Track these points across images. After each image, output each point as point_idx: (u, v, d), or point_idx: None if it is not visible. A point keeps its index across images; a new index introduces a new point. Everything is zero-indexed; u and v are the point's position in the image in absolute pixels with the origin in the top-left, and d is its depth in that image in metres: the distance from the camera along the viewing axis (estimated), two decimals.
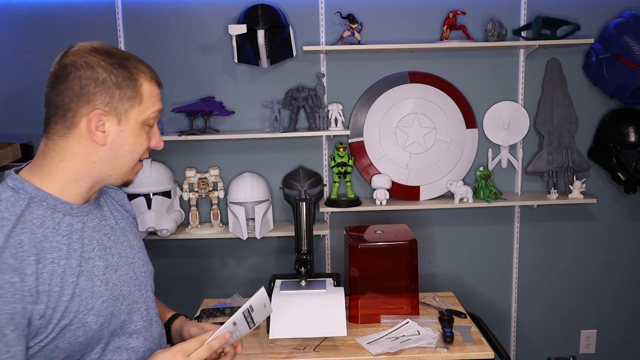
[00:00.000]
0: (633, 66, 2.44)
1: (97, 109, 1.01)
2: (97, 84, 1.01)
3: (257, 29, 2.40)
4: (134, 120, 1.05)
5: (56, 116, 1.03)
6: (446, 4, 2.59)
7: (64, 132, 1.03)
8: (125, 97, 1.03)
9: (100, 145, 1.04)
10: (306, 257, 2.17)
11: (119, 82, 1.03)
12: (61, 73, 1.03)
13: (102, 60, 1.02)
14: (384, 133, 2.62)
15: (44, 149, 1.05)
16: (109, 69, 1.02)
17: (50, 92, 1.04)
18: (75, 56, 1.03)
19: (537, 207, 2.69)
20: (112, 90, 1.02)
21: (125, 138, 1.05)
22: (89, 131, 1.02)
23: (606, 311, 2.85)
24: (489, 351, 1.94)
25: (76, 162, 1.04)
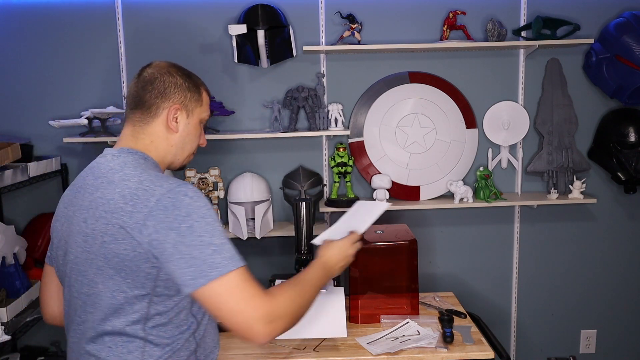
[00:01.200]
0: (633, 66, 2.44)
1: (175, 104, 1.33)
2: (177, 86, 1.34)
3: (257, 29, 2.40)
4: (196, 117, 1.38)
5: (142, 108, 1.32)
6: (446, 4, 2.58)
7: (148, 120, 1.32)
8: (193, 98, 1.37)
9: (174, 132, 1.34)
10: (306, 257, 2.17)
11: (190, 87, 1.37)
12: (149, 79, 1.34)
13: (179, 72, 1.37)
14: (384, 133, 2.62)
15: (133, 133, 1.33)
16: (184, 78, 1.37)
17: (139, 91, 1.33)
18: (158, 68, 1.35)
19: (537, 207, 2.69)
20: (185, 92, 1.35)
21: (190, 129, 1.37)
22: (167, 120, 1.32)
23: (606, 311, 2.85)
24: (489, 351, 1.94)
25: (161, 143, 1.34)
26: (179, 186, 1.19)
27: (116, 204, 1.18)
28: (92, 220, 1.20)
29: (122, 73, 2.58)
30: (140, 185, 1.19)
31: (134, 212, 1.15)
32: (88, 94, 2.59)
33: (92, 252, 1.20)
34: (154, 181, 1.20)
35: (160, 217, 1.14)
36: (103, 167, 1.27)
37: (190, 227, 1.15)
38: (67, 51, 2.56)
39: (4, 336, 1.98)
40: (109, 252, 1.17)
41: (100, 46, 2.56)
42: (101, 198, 1.20)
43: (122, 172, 1.23)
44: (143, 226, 1.14)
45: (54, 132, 2.56)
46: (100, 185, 1.23)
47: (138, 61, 2.56)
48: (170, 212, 1.15)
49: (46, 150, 2.61)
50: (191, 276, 1.13)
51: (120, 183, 1.20)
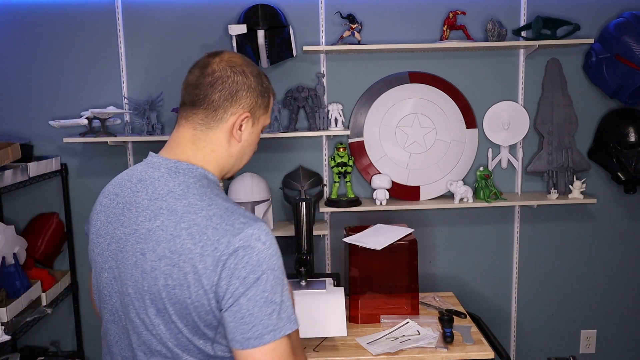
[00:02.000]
0: (633, 66, 2.44)
1: (245, 111, 1.17)
2: (249, 90, 1.17)
3: (257, 29, 2.40)
4: (261, 125, 1.23)
5: (207, 110, 1.15)
6: (446, 4, 2.58)
7: (212, 125, 1.15)
8: (263, 105, 1.21)
9: (237, 142, 1.18)
10: (306, 257, 2.17)
11: (262, 91, 1.20)
12: (221, 75, 1.15)
13: (253, 71, 1.19)
14: (384, 133, 2.62)
15: (194, 139, 1.16)
16: (258, 80, 1.19)
17: (203, 87, 1.15)
18: (232, 63, 1.17)
19: (537, 207, 2.69)
20: (256, 97, 1.19)
21: (253, 138, 1.23)
22: (233, 128, 1.16)
23: (606, 311, 2.85)
24: (489, 351, 1.94)
25: (222, 153, 1.18)
26: (251, 227, 1.05)
27: (183, 245, 1.04)
28: (152, 256, 1.06)
29: (122, 73, 2.58)
30: (210, 223, 1.04)
31: (203, 255, 1.02)
32: (88, 94, 2.59)
33: (153, 292, 1.07)
34: (225, 217, 1.05)
35: (229, 263, 1.02)
36: (159, 186, 1.11)
37: (258, 280, 1.03)
38: (67, 51, 2.56)
39: (4, 336, 1.98)
40: (171, 297, 1.05)
41: (100, 46, 2.56)
42: (163, 231, 1.06)
43: (185, 199, 1.07)
44: (212, 272, 1.02)
45: (54, 132, 2.56)
46: (159, 212, 1.08)
47: (138, 61, 2.57)
48: (240, 259, 1.02)
49: (46, 150, 2.61)
50: (243, 334, 1.03)
51: (184, 216, 1.05)
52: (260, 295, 1.03)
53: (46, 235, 2.53)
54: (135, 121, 2.56)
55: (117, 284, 1.13)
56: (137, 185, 1.13)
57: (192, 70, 1.18)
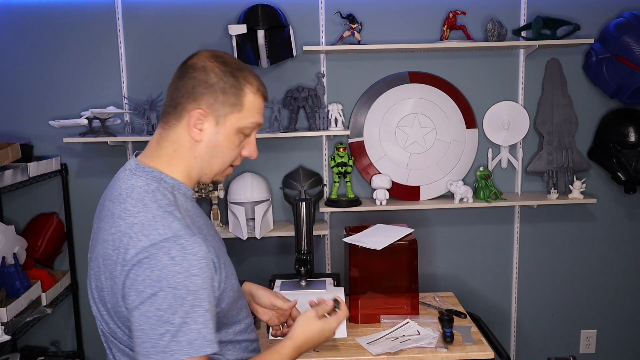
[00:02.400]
0: (633, 66, 2.44)
1: (199, 108, 1.11)
2: (207, 86, 1.11)
3: (257, 29, 2.40)
4: (230, 126, 1.14)
5: (170, 107, 1.15)
6: (446, 4, 2.58)
7: (173, 123, 1.14)
8: (227, 102, 1.13)
9: (196, 141, 1.13)
10: (306, 257, 2.17)
11: (225, 88, 1.12)
12: (183, 72, 1.15)
13: (217, 67, 1.13)
14: (384, 133, 2.62)
15: (159, 138, 1.16)
16: (220, 76, 1.12)
17: (171, 85, 1.16)
18: (197, 59, 1.15)
19: (537, 207, 2.69)
20: (216, 94, 1.12)
21: (219, 140, 1.14)
22: (187, 125, 1.12)
23: (606, 311, 2.85)
24: (489, 351, 1.94)
25: (185, 154, 1.14)
26: (166, 240, 1.01)
27: (107, 249, 1.05)
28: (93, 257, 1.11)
29: (122, 73, 2.58)
30: (130, 230, 1.03)
31: (117, 262, 1.03)
32: (88, 94, 2.59)
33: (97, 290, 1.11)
34: (145, 226, 1.03)
35: (131, 273, 1.00)
36: (117, 187, 1.12)
37: (153, 296, 0.98)
38: (67, 51, 2.56)
39: (4, 336, 1.98)
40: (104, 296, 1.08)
41: (100, 46, 2.56)
42: (102, 233, 1.09)
43: (124, 203, 1.07)
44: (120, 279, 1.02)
45: (54, 132, 2.56)
46: (106, 214, 1.11)
47: (138, 61, 2.57)
48: (143, 270, 0.99)
49: (46, 150, 2.61)
50: (137, 349, 0.99)
51: (116, 221, 1.06)
52: (153, 312, 0.98)
53: (46, 235, 2.53)
54: (135, 121, 2.56)
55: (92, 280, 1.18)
56: (110, 186, 1.17)
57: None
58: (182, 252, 1.00)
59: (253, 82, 1.16)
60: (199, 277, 1.01)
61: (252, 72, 1.18)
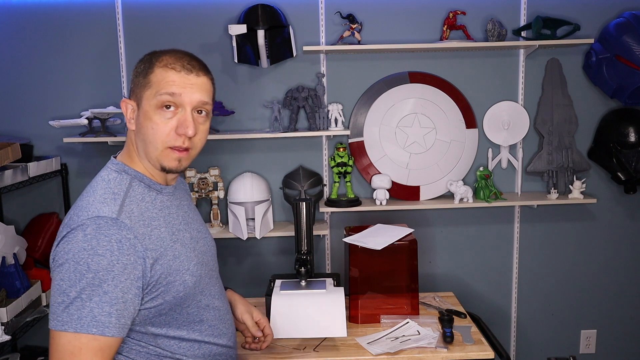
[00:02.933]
0: (633, 66, 2.44)
1: (125, 98, 1.21)
2: (134, 76, 1.22)
3: (257, 29, 2.40)
4: (146, 104, 1.18)
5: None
6: (446, 4, 2.58)
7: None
8: (140, 84, 1.19)
9: (131, 129, 1.22)
10: (306, 257, 2.17)
11: (139, 71, 1.20)
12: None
13: (144, 57, 1.22)
14: (384, 133, 2.62)
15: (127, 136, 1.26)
16: (140, 64, 1.21)
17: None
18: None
19: (537, 207, 2.69)
20: (136, 80, 1.20)
21: (141, 121, 1.19)
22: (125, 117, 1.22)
23: (606, 311, 2.85)
24: (489, 351, 1.94)
25: (132, 146, 1.23)
26: (89, 219, 1.09)
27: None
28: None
29: (122, 73, 2.58)
30: (72, 211, 1.15)
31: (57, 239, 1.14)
32: (88, 94, 2.59)
33: None
34: (83, 208, 1.13)
35: (56, 249, 1.11)
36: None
37: (60, 266, 1.08)
38: (67, 51, 2.56)
39: (4, 336, 1.98)
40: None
41: (100, 46, 2.56)
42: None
43: (85, 191, 1.20)
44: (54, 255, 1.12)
45: (54, 132, 2.56)
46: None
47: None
48: (62, 243, 1.09)
49: (46, 150, 2.61)
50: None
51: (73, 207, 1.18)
52: (57, 282, 1.07)
53: (46, 235, 2.53)
54: None
55: None
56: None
57: None
58: (95, 232, 1.07)
59: (166, 57, 1.20)
60: (105, 257, 1.06)
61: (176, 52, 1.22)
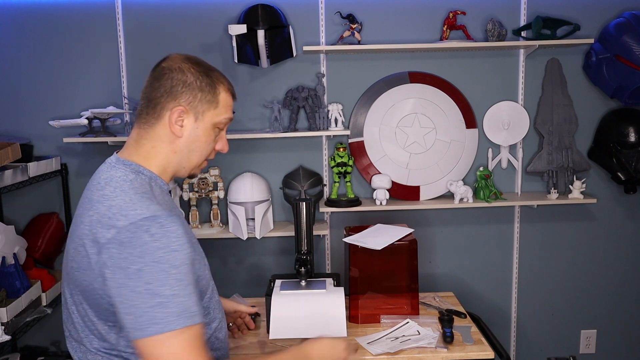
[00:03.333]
0: (633, 66, 2.44)
1: (180, 105, 1.20)
2: (185, 85, 1.20)
3: (257, 29, 2.40)
4: (208, 121, 1.23)
5: (148, 108, 1.22)
6: (446, 4, 2.58)
7: (152, 122, 1.22)
8: (205, 100, 1.22)
9: (178, 137, 1.21)
10: (306, 257, 2.17)
11: (202, 86, 1.22)
12: (158, 74, 1.22)
13: (192, 68, 1.22)
14: (384, 133, 2.62)
15: (137, 137, 1.23)
16: (196, 75, 1.22)
17: (147, 88, 1.23)
18: (171, 61, 1.23)
19: (537, 207, 2.69)
20: (195, 92, 1.21)
21: (198, 134, 1.23)
22: (169, 122, 1.20)
23: (606, 311, 2.85)
24: (489, 351, 1.94)
25: (164, 149, 1.22)
26: (145, 219, 1.06)
27: (84, 229, 1.11)
28: (70, 241, 1.17)
29: (122, 73, 2.58)
30: (108, 212, 1.09)
31: (94, 241, 1.08)
32: (88, 94, 2.59)
33: (67, 272, 1.18)
34: (123, 208, 1.09)
35: (113, 252, 1.05)
36: (95, 179, 1.20)
37: (139, 271, 1.03)
38: (67, 51, 2.56)
39: (4, 336, 1.98)
40: (76, 278, 1.14)
41: (100, 46, 2.56)
42: (80, 218, 1.15)
43: (102, 191, 1.14)
44: (99, 258, 1.07)
45: (54, 132, 2.56)
46: (84, 201, 1.18)
47: (138, 61, 2.57)
48: (124, 248, 1.04)
49: (46, 150, 2.61)
50: (131, 326, 1.04)
51: (94, 205, 1.12)
52: (142, 287, 1.03)
53: (46, 235, 2.53)
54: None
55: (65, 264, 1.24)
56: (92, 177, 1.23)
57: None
58: (161, 230, 1.06)
59: (224, 82, 1.27)
60: (180, 252, 1.07)
61: (221, 73, 1.29)
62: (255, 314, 2.06)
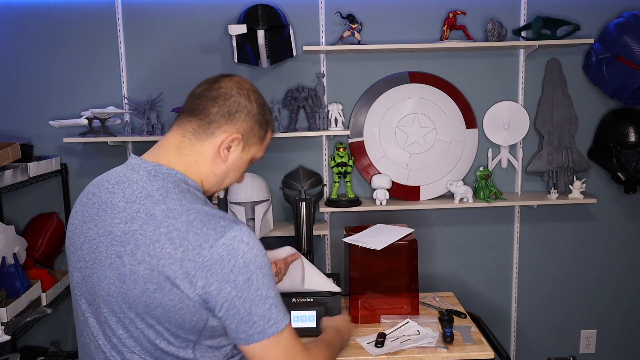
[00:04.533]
0: (633, 66, 2.44)
1: (238, 133, 1.18)
2: (248, 114, 1.19)
3: (257, 29, 2.40)
4: (250, 154, 1.24)
5: (202, 121, 1.17)
6: (446, 4, 2.58)
7: (203, 137, 1.17)
8: (258, 134, 1.23)
9: (223, 161, 1.19)
10: (306, 257, 2.17)
11: (261, 121, 1.22)
12: (224, 93, 1.19)
13: (258, 101, 1.23)
14: (384, 133, 2.62)
15: (179, 145, 1.17)
16: (259, 109, 1.22)
17: (204, 99, 1.18)
18: (239, 85, 1.22)
19: (537, 207, 2.69)
20: (253, 124, 1.20)
21: (239, 164, 1.23)
22: (221, 145, 1.17)
23: (606, 311, 2.85)
24: (489, 351, 1.94)
25: (205, 168, 1.19)
26: (233, 230, 1.06)
27: (163, 249, 1.03)
28: (131, 260, 1.05)
29: (122, 73, 2.58)
30: (191, 227, 1.04)
31: (184, 260, 1.02)
32: (88, 94, 2.59)
33: (131, 296, 1.06)
34: (205, 222, 1.06)
35: (214, 268, 1.03)
36: (137, 189, 1.10)
37: (248, 280, 1.06)
38: (67, 51, 2.56)
39: (4, 336, 1.98)
40: (152, 301, 1.05)
41: (100, 46, 2.56)
42: (142, 235, 1.05)
43: (164, 204, 1.07)
44: (195, 277, 1.03)
45: (54, 132, 2.56)
46: (136, 216, 1.07)
47: (138, 61, 2.57)
48: (227, 262, 1.03)
49: (46, 150, 2.61)
50: (246, 332, 1.07)
51: (164, 221, 1.05)
52: (255, 293, 1.06)
53: (46, 235, 2.53)
54: (135, 121, 2.56)
55: (87, 285, 1.13)
56: (115, 186, 1.13)
57: (201, 84, 1.22)
58: (250, 237, 1.08)
59: (273, 122, 1.29)
60: (267, 256, 1.12)
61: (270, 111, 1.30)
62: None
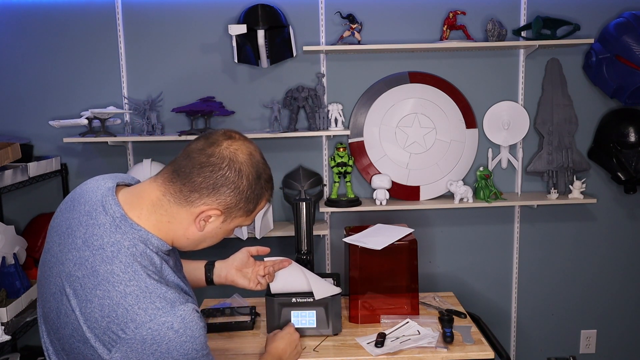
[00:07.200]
0: (633, 66, 2.44)
1: (217, 208, 1.09)
2: (235, 191, 1.09)
3: (257, 29, 2.40)
4: (234, 224, 1.15)
5: (184, 186, 1.08)
6: (446, 4, 2.58)
7: (182, 202, 1.09)
8: (244, 209, 1.13)
9: (198, 231, 1.12)
10: (306, 257, 2.17)
11: (249, 197, 1.11)
12: (214, 161, 1.08)
13: (252, 174, 1.11)
14: (384, 133, 2.62)
15: (156, 201, 1.09)
16: (250, 184, 1.11)
17: (195, 166, 1.08)
18: (233, 155, 1.09)
19: (537, 207, 2.69)
20: (239, 200, 1.10)
21: (219, 233, 1.16)
22: (197, 216, 1.10)
23: (606, 311, 2.85)
24: (489, 351, 1.94)
25: (179, 230, 1.11)
26: (165, 315, 1.00)
27: (92, 313, 1.00)
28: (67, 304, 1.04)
29: (122, 73, 2.58)
30: (123, 301, 1.00)
31: (107, 330, 0.99)
32: (88, 94, 2.59)
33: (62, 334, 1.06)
34: (140, 299, 1.00)
35: (135, 346, 0.99)
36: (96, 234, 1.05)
37: None
38: (67, 51, 2.56)
39: (4, 336, 1.98)
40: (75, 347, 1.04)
41: (100, 46, 2.56)
42: (81, 287, 1.03)
43: (110, 265, 1.02)
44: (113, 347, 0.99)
45: (54, 132, 2.56)
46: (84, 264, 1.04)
47: (138, 61, 2.57)
48: (149, 346, 0.99)
49: (46, 150, 2.61)
50: None
51: (102, 284, 1.01)
52: None
53: (46, 235, 2.53)
54: (135, 121, 2.56)
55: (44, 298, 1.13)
56: (84, 217, 1.09)
57: (198, 139, 1.11)
58: (181, 323, 1.01)
59: (269, 190, 1.17)
60: (202, 336, 1.05)
61: (271, 176, 1.18)
62: (255, 314, 2.06)
